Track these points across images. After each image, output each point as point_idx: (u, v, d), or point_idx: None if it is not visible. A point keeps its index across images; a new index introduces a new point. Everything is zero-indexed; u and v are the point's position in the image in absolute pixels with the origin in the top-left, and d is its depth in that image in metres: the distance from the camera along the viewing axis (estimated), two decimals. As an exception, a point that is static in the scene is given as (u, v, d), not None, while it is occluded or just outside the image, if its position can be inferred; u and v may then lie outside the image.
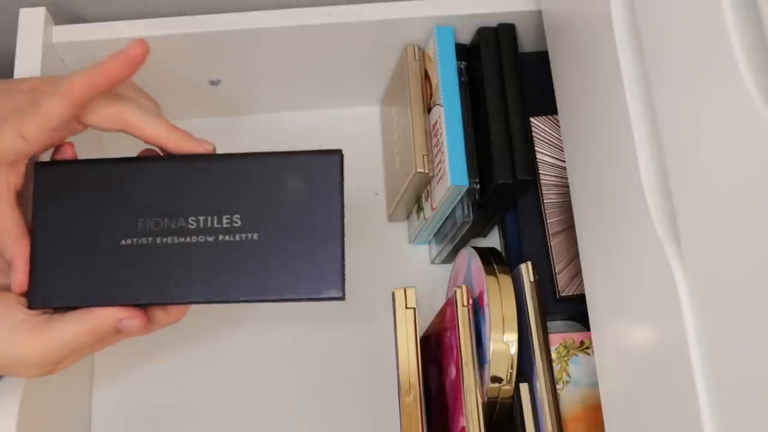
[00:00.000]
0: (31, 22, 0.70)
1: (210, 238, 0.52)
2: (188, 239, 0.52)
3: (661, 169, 0.46)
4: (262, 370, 0.78)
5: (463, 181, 0.69)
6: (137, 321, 0.52)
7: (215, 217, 0.52)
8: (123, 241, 0.52)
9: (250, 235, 0.52)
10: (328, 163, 0.52)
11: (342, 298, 0.52)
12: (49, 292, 0.52)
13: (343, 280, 0.51)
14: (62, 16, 0.73)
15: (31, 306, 0.52)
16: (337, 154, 0.53)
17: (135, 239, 0.52)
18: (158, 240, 0.52)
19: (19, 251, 0.52)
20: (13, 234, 0.52)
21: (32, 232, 0.52)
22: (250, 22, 0.71)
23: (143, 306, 0.53)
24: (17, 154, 0.51)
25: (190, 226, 0.52)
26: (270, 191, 0.52)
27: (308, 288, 0.51)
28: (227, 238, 0.52)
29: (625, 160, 0.49)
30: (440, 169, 0.70)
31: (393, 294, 0.67)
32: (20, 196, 0.53)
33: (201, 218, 0.52)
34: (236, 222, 0.52)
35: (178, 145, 0.53)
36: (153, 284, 0.52)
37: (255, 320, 0.80)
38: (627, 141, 0.49)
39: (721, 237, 0.39)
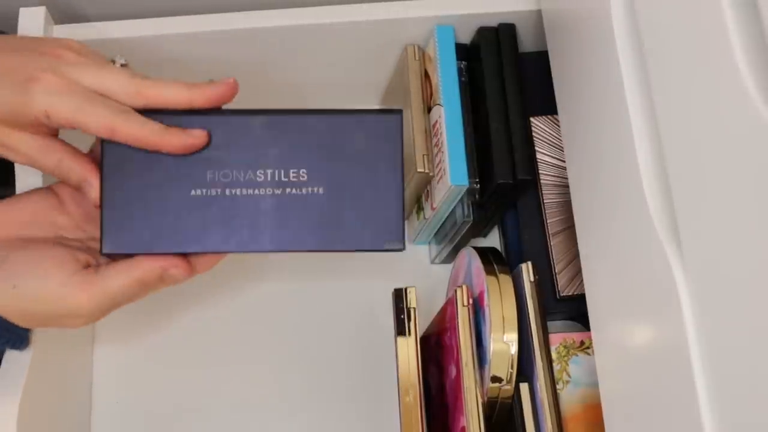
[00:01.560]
0: (31, 22, 0.70)
1: (278, 191, 0.54)
2: (256, 191, 0.54)
3: (661, 169, 0.46)
4: (261, 371, 0.79)
5: (463, 181, 0.69)
6: (181, 270, 0.54)
7: (282, 171, 0.54)
8: (193, 192, 0.54)
9: (316, 188, 0.54)
10: (391, 121, 0.55)
11: (402, 249, 0.55)
12: (121, 238, 0.54)
13: (404, 232, 0.55)
14: (62, 15, 0.73)
15: (103, 252, 0.54)
16: (399, 113, 0.55)
17: (205, 190, 0.54)
18: (227, 191, 0.54)
19: (86, 167, 0.54)
20: (71, 156, 0.54)
21: (102, 180, 0.54)
22: (250, 22, 0.71)
23: (214, 254, 0.55)
24: (35, 122, 0.52)
25: (258, 179, 0.54)
26: (334, 147, 0.55)
27: (370, 240, 0.54)
28: (294, 191, 0.54)
29: (625, 160, 0.49)
30: (440, 169, 0.70)
31: (393, 294, 0.67)
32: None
33: (269, 171, 0.54)
34: (303, 176, 0.54)
35: (205, 97, 0.53)
36: (223, 233, 0.54)
37: (254, 320, 0.80)
38: (627, 141, 0.49)
39: (721, 237, 0.39)
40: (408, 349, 0.65)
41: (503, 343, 0.62)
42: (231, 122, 0.54)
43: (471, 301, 0.65)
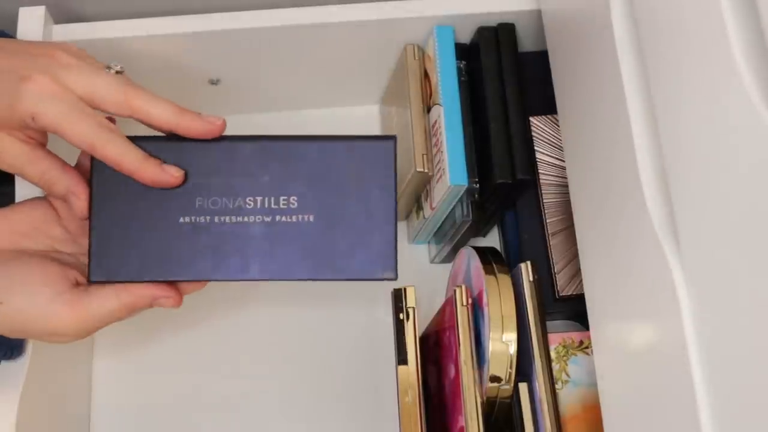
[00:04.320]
0: (31, 21, 0.70)
1: (267, 219, 0.53)
2: (246, 219, 0.53)
3: (660, 168, 0.46)
4: (261, 371, 0.79)
5: (463, 181, 0.69)
6: (172, 300, 0.54)
7: (272, 198, 0.53)
8: (181, 219, 0.53)
9: (306, 216, 0.53)
10: (384, 148, 0.54)
11: (395, 279, 0.53)
12: (109, 266, 0.53)
13: (396, 261, 0.53)
14: (62, 15, 0.73)
15: (91, 280, 0.53)
16: (392, 139, 0.54)
17: (193, 217, 0.53)
18: (216, 219, 0.53)
19: (72, 179, 0.53)
20: (56, 168, 0.54)
21: (91, 208, 0.53)
22: (250, 22, 0.71)
23: (199, 281, 0.55)
24: (19, 123, 0.51)
25: (247, 206, 0.53)
26: (326, 174, 0.54)
27: (362, 269, 0.53)
28: (284, 219, 0.53)
29: (625, 160, 0.49)
30: (439, 169, 0.70)
31: (392, 293, 0.67)
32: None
33: (258, 199, 0.53)
34: (293, 203, 0.53)
35: (188, 127, 0.53)
36: (212, 262, 0.53)
37: (253, 320, 0.80)
38: (626, 140, 0.49)
39: (720, 236, 0.39)
40: (407, 348, 0.65)
41: (502, 342, 0.62)
42: (220, 148, 0.54)
43: (470, 300, 0.65)
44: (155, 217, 0.53)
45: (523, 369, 0.63)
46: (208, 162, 0.54)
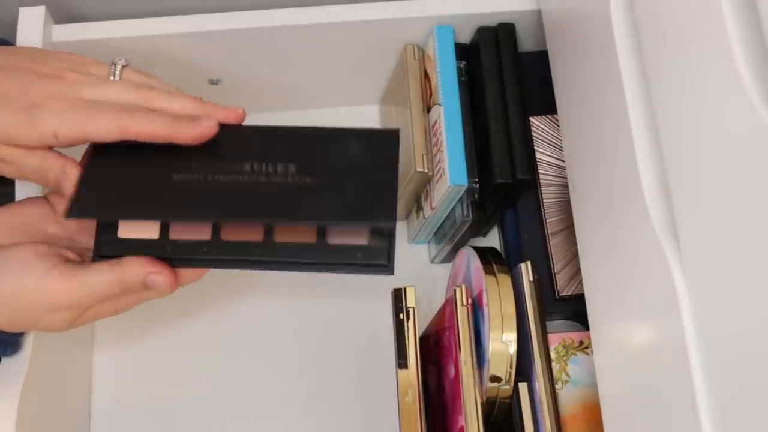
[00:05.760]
0: (31, 21, 0.70)
1: (262, 179, 0.52)
2: (240, 177, 0.52)
3: (660, 169, 0.46)
4: (261, 370, 0.78)
5: (463, 181, 0.69)
6: (164, 277, 0.52)
7: (270, 164, 0.53)
8: (174, 176, 0.52)
9: (303, 178, 0.52)
10: (388, 137, 0.55)
11: (393, 225, 0.51)
12: (88, 204, 0.52)
13: (395, 211, 0.51)
14: (62, 15, 0.73)
15: (67, 216, 0.51)
16: (396, 132, 0.55)
17: (187, 174, 0.52)
18: (210, 177, 0.52)
19: (68, 161, 0.53)
20: (54, 155, 0.53)
21: (88, 159, 0.53)
22: (250, 22, 0.71)
23: (186, 221, 0.53)
24: (43, 145, 0.52)
25: (244, 168, 0.52)
26: (329, 152, 0.54)
27: (358, 212, 0.51)
28: (279, 180, 0.52)
29: (625, 160, 0.49)
30: (439, 169, 0.70)
31: (392, 293, 0.67)
32: None
33: (256, 164, 0.53)
34: (291, 169, 0.52)
35: (210, 119, 0.53)
36: (198, 205, 0.52)
37: (254, 319, 0.80)
38: (626, 140, 0.49)
39: (720, 237, 0.39)
40: (407, 348, 0.65)
41: (502, 342, 0.62)
42: (225, 136, 0.53)
43: (470, 300, 0.65)
44: (148, 172, 0.53)
45: (523, 369, 0.63)
46: (212, 145, 0.53)
